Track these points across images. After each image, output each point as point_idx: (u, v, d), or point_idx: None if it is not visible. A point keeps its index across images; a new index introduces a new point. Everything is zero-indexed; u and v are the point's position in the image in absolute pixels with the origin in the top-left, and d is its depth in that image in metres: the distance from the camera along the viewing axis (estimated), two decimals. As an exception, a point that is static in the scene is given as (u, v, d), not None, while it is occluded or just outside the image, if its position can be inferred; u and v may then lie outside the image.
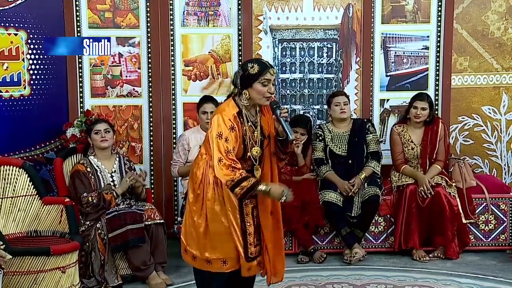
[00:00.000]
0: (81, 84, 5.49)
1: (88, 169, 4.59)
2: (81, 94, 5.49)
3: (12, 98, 5.00)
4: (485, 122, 5.72)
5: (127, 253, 4.38)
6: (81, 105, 5.48)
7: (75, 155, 4.88)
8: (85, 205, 4.44)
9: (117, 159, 4.80)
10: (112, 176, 4.68)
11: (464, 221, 5.02)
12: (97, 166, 4.66)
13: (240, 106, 3.24)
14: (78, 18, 5.42)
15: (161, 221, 4.55)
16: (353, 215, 4.93)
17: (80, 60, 5.46)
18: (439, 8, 5.54)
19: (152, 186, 5.58)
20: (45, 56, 5.20)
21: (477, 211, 5.13)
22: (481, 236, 5.17)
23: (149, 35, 5.47)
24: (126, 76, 5.57)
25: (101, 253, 4.36)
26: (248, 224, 3.28)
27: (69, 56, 5.38)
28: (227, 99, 3.34)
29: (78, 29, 5.42)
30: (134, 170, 4.83)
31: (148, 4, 5.46)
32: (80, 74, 5.47)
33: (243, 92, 3.21)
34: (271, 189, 3.12)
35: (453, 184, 5.06)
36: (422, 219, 4.97)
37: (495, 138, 5.74)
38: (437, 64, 5.61)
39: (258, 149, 3.29)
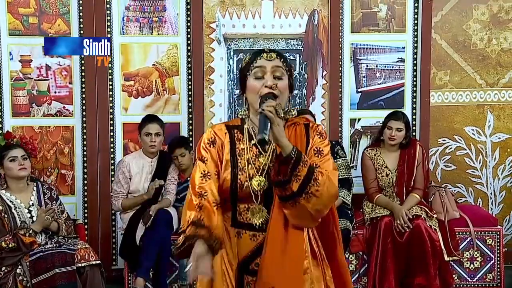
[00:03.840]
0: (0, 101, 5.40)
1: (0, 207, 4.47)
2: (0, 113, 5.40)
3: None
4: (468, 145, 5.84)
5: (56, 301, 4.29)
6: (0, 126, 5.39)
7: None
8: None
9: (35, 188, 4.68)
10: (30, 211, 4.57)
11: (446, 258, 5.06)
12: (10, 201, 4.53)
13: (244, 120, 2.67)
14: (-4, 24, 5.37)
15: (97, 262, 4.47)
16: (320, 252, 4.93)
17: (-2, 72, 5.40)
18: (416, 16, 5.66)
19: (86, 221, 5.50)
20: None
21: (461, 247, 5.19)
22: (465, 276, 5.23)
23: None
24: (55, 92, 5.50)
25: (23, 304, 4.26)
26: None
27: (-17, 68, 5.32)
28: None
29: (-4, 36, 5.37)
30: (56, 200, 4.73)
31: (80, 8, 5.42)
32: (-1, 89, 5.40)
33: (243, 99, 2.68)
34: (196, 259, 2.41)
35: (434, 216, 5.11)
36: (399, 257, 4.99)
37: (480, 163, 5.86)
38: (414, 79, 5.71)
39: (261, 180, 2.56)
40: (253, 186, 2.55)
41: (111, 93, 5.51)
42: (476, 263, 5.24)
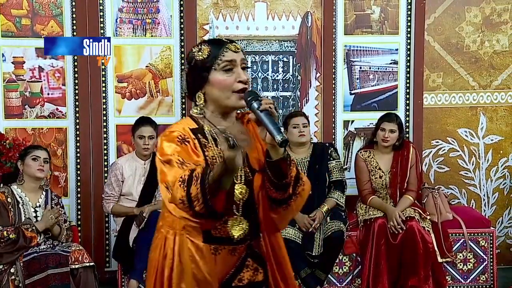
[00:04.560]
0: (-7, 103, 5.41)
1: (9, 200, 4.51)
2: (-7, 115, 5.41)
3: None
4: (461, 147, 5.87)
5: (49, 303, 4.29)
6: (-7, 127, 5.39)
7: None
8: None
9: (44, 193, 4.73)
10: (35, 211, 4.61)
11: (440, 259, 5.08)
12: (19, 197, 4.58)
13: (199, 121, 2.41)
14: (-12, 25, 5.36)
15: (91, 264, 4.48)
16: (314, 254, 4.93)
17: (-9, 74, 5.39)
18: (409, 18, 5.68)
19: (79, 223, 5.49)
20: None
21: (454, 249, 5.21)
22: (459, 277, 5.25)
23: (75, 45, 5.43)
24: (48, 94, 5.49)
25: (15, 304, 4.26)
26: None
27: (-23, 70, 5.31)
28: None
29: (-11, 37, 5.37)
30: (62, 208, 4.77)
31: (74, 10, 5.41)
32: (-8, 91, 5.40)
33: (196, 96, 2.40)
34: (228, 155, 2.03)
35: (427, 218, 5.13)
36: (392, 258, 5.00)
37: (473, 164, 5.89)
38: (407, 80, 5.73)
39: (242, 188, 2.34)
40: (236, 196, 2.33)
41: (104, 94, 5.51)
42: (469, 264, 5.26)
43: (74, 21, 5.42)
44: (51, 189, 4.90)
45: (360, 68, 5.73)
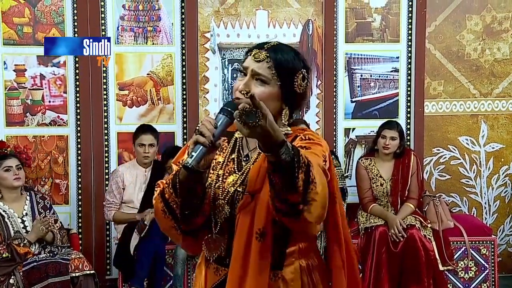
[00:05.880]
0: (-6, 111, 5.41)
1: None
2: (-6, 123, 5.41)
3: None
4: (462, 155, 5.87)
5: (50, 311, 4.29)
6: (-5, 135, 5.40)
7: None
8: None
9: (28, 198, 4.70)
10: (23, 221, 4.58)
11: (441, 268, 5.07)
12: (3, 211, 4.55)
13: None
14: (-10, 33, 5.38)
15: (91, 272, 4.49)
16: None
17: (-7, 82, 5.40)
18: (410, 26, 5.68)
19: (80, 230, 5.49)
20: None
21: (455, 257, 5.21)
22: (460, 286, 5.24)
23: (77, 53, 5.44)
24: (49, 102, 5.50)
25: (16, 314, 4.26)
26: None
27: (-23, 79, 5.32)
28: None
29: (-9, 45, 5.38)
30: (50, 209, 4.73)
31: (75, 18, 5.43)
32: (-6, 98, 5.40)
33: None
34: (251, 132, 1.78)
35: (428, 226, 5.13)
36: (393, 266, 5.00)
37: (474, 172, 5.89)
38: (408, 88, 5.74)
39: (224, 205, 2.12)
40: (216, 207, 2.11)
41: (105, 102, 5.52)
42: (470, 272, 5.26)
43: (76, 29, 5.43)
44: (34, 191, 4.85)
45: (361, 76, 5.74)
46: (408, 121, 5.75)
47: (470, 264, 5.25)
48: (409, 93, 5.74)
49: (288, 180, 1.79)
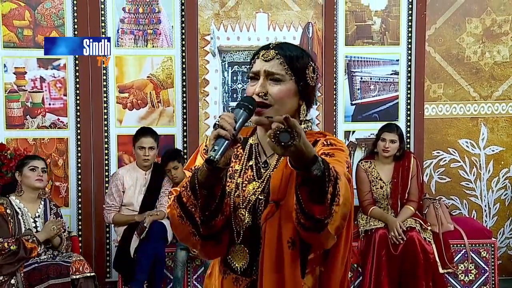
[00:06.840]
0: (-6, 114, 5.42)
1: (8, 211, 4.52)
2: (-6, 125, 5.42)
3: None
4: (462, 158, 5.88)
5: (49, 313, 4.30)
6: (-5, 138, 5.41)
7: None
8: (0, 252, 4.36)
9: (42, 202, 4.75)
10: (35, 222, 4.62)
11: (441, 270, 5.08)
12: (18, 208, 4.59)
13: (256, 130, 2.21)
14: (-9, 36, 5.39)
15: (91, 274, 4.49)
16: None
17: (-7, 85, 5.41)
18: (409, 29, 5.70)
19: (80, 233, 5.49)
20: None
21: (455, 259, 5.21)
22: (460, 288, 5.27)
23: (76, 56, 5.43)
24: (49, 104, 5.51)
25: (16, 315, 4.27)
26: None
27: (-22, 81, 5.33)
28: None
29: (-8, 48, 5.39)
30: (61, 218, 4.78)
31: (75, 20, 5.44)
32: (-6, 101, 5.41)
33: None
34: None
35: (428, 228, 5.13)
36: (393, 269, 5.00)
37: (474, 175, 5.89)
38: (408, 91, 5.75)
39: (245, 214, 2.08)
40: (238, 218, 2.08)
41: (105, 105, 5.52)
42: (470, 275, 5.26)
43: (76, 32, 5.44)
44: (49, 199, 4.91)
45: (361, 78, 5.75)
46: (408, 123, 5.76)
47: (470, 267, 5.25)
48: (409, 96, 5.75)
49: (316, 193, 1.79)
